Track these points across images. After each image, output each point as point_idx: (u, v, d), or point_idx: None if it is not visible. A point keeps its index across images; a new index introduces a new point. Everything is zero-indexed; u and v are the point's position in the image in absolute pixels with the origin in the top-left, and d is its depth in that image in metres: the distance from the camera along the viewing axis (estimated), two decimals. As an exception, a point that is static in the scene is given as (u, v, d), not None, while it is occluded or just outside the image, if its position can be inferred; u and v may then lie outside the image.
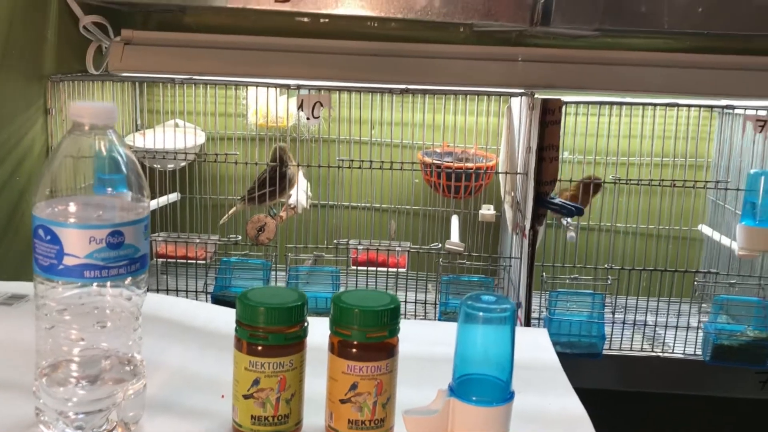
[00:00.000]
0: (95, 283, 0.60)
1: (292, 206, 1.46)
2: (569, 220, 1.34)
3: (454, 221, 1.48)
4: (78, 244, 0.59)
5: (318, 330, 0.66)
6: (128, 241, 0.61)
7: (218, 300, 1.36)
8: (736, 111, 1.33)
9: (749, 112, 1.29)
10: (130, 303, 0.64)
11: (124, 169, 0.62)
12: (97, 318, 0.62)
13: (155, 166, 1.53)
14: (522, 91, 1.37)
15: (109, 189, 0.62)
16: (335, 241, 1.42)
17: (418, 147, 1.62)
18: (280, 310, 0.62)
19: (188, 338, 0.84)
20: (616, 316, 1.41)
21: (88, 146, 0.61)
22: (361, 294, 0.65)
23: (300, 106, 1.31)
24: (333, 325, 0.63)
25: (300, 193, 1.48)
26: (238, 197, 1.49)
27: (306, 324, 0.64)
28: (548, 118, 1.27)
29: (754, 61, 1.41)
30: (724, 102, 1.37)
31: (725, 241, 1.41)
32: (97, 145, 0.61)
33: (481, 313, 0.64)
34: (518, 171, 1.35)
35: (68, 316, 0.62)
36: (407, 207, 1.66)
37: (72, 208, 0.61)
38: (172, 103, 1.64)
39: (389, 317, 0.62)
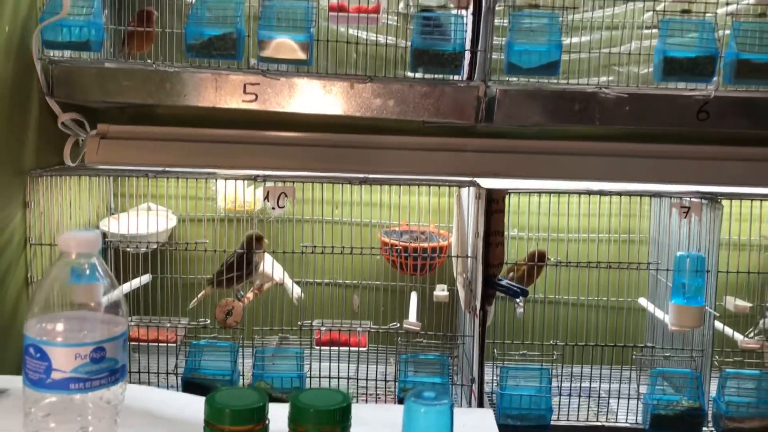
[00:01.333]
0: (79, 394, 0.69)
1: (275, 282, 1.55)
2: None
3: (413, 299, 1.58)
4: (65, 361, 0.67)
5: (281, 415, 0.74)
6: (109, 355, 0.69)
7: (188, 382, 1.43)
8: (663, 198, 1.46)
9: (674, 199, 1.43)
10: (110, 406, 0.73)
11: (105, 291, 0.71)
12: (80, 424, 0.70)
13: (128, 249, 1.61)
14: (470, 180, 1.50)
15: (92, 309, 0.71)
16: (299, 323, 1.50)
17: (380, 225, 1.73)
18: (243, 411, 0.70)
19: (162, 430, 0.91)
20: (563, 386, 1.50)
21: (74, 272, 0.70)
22: (317, 393, 0.74)
23: (266, 197, 1.41)
24: (291, 423, 0.72)
25: (276, 268, 1.57)
26: (208, 277, 1.57)
27: (267, 421, 0.72)
28: (493, 207, 1.38)
29: (678, 150, 1.55)
30: (653, 188, 1.50)
31: (660, 314, 1.52)
32: (82, 271, 0.70)
33: (422, 408, 0.75)
34: (468, 254, 1.46)
35: (53, 423, 0.70)
36: (370, 282, 1.76)
37: (59, 327, 0.69)
38: (145, 187, 1.73)
39: (341, 415, 0.71)
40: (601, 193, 1.43)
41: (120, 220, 1.66)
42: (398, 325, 1.48)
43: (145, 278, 1.67)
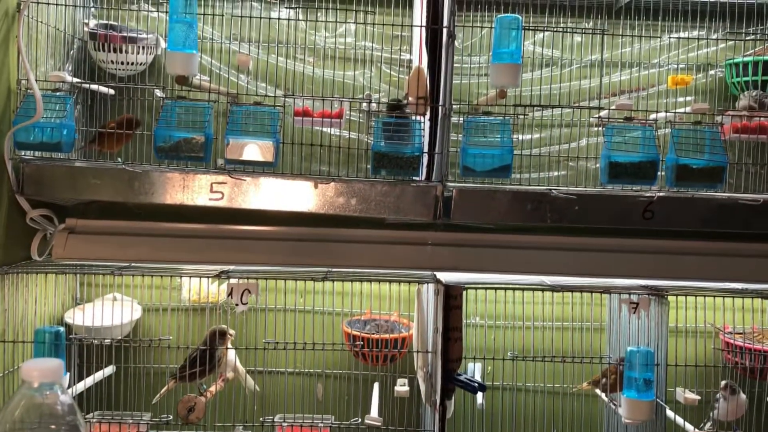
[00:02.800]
0: None
1: (229, 376, 1.57)
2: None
3: (375, 392, 1.61)
4: (23, 491, 0.70)
5: None
6: (67, 483, 0.72)
7: (149, 480, 1.43)
8: (612, 293, 1.53)
9: (623, 295, 1.49)
10: None
11: (65, 418, 0.74)
12: None
13: (93, 341, 1.62)
14: (430, 274, 1.55)
15: (53, 437, 0.74)
16: (261, 419, 1.52)
17: (344, 314, 1.76)
18: None
19: None
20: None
21: (35, 400, 0.73)
22: None
23: (229, 294, 1.45)
24: None
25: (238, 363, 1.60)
26: (172, 369, 1.59)
27: None
28: (452, 302, 1.43)
29: (627, 244, 1.63)
30: (604, 282, 1.57)
31: (616, 407, 1.57)
32: (42, 400, 0.73)
33: None
34: (429, 349, 1.50)
35: None
36: (334, 371, 1.78)
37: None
38: (111, 278, 1.75)
39: None
40: (553, 289, 1.49)
41: (85, 311, 1.68)
42: (360, 420, 1.50)
43: (108, 370, 1.67)
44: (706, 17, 1.72)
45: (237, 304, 1.45)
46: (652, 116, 1.53)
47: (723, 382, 1.57)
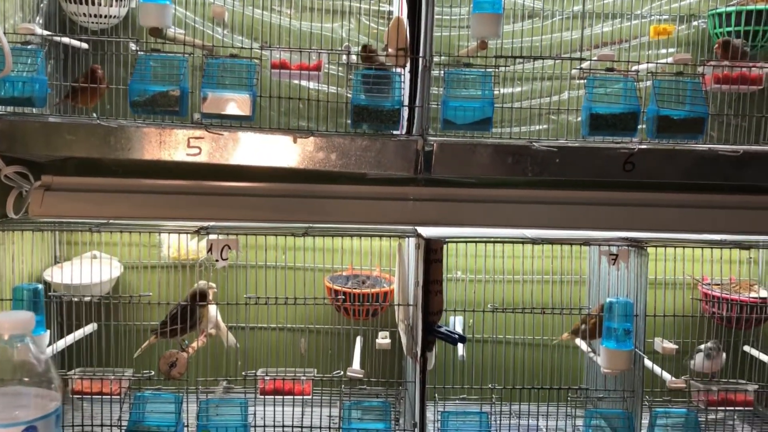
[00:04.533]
0: (12, 474, 0.71)
1: (211, 332, 1.58)
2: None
3: (357, 345, 1.62)
4: (-3, 442, 0.69)
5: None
6: (41, 433, 0.72)
7: (132, 434, 1.44)
8: (592, 245, 1.53)
9: (603, 247, 1.50)
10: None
11: (37, 370, 0.74)
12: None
13: (73, 299, 1.61)
14: (411, 229, 1.55)
15: (25, 389, 0.73)
16: (243, 373, 1.53)
17: (325, 270, 1.76)
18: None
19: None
20: (502, 425, 1.55)
21: (6, 352, 0.73)
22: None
23: (209, 250, 1.44)
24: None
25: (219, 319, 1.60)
26: (154, 325, 1.58)
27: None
28: (432, 256, 1.43)
29: (607, 197, 1.63)
30: (584, 235, 1.57)
31: (595, 357, 1.59)
32: (14, 352, 0.73)
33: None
34: (410, 303, 1.51)
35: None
36: (316, 326, 1.79)
37: (-8, 407, 0.71)
38: (90, 235, 1.73)
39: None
40: (534, 241, 1.50)
41: (64, 269, 1.67)
42: (342, 372, 1.51)
43: (89, 328, 1.67)
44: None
45: (217, 260, 1.44)
46: (634, 67, 1.52)
47: (711, 343, 1.59)
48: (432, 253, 1.44)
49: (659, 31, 1.58)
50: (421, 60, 1.51)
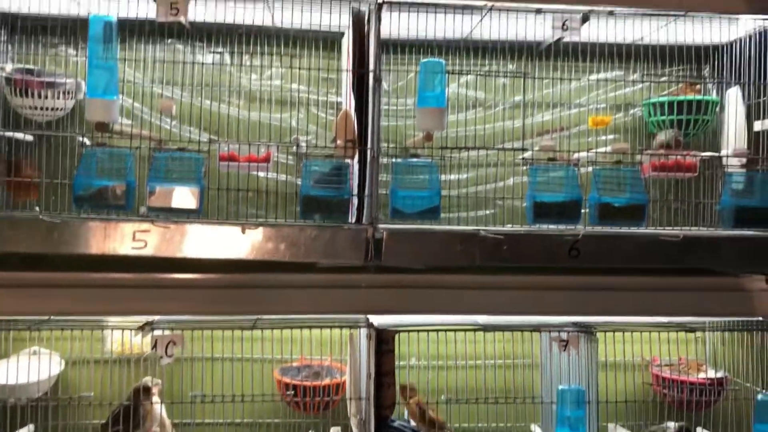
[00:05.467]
0: None
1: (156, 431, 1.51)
2: None
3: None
4: None
5: None
6: None
7: None
8: (542, 331, 1.54)
9: (553, 333, 1.51)
10: None
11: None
12: None
13: (10, 400, 1.53)
14: (363, 317, 1.54)
15: None
16: (188, 477, 1.46)
17: (275, 361, 1.72)
18: None
19: None
20: None
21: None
22: None
23: (154, 346, 1.40)
24: None
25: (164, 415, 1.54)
26: (97, 423, 1.52)
27: None
28: (384, 347, 1.42)
29: (554, 282, 1.65)
30: (535, 320, 1.58)
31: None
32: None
33: None
34: (362, 396, 1.48)
35: None
36: (265, 421, 1.73)
37: None
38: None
39: None
40: (485, 329, 1.50)
41: (1, 368, 1.59)
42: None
43: (25, 431, 1.59)
44: (623, 59, 1.78)
45: (161, 357, 1.40)
46: (575, 156, 1.57)
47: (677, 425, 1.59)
48: (384, 343, 1.43)
49: (597, 122, 1.65)
50: (369, 151, 1.53)
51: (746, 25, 1.63)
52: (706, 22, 1.60)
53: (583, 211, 1.53)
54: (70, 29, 1.66)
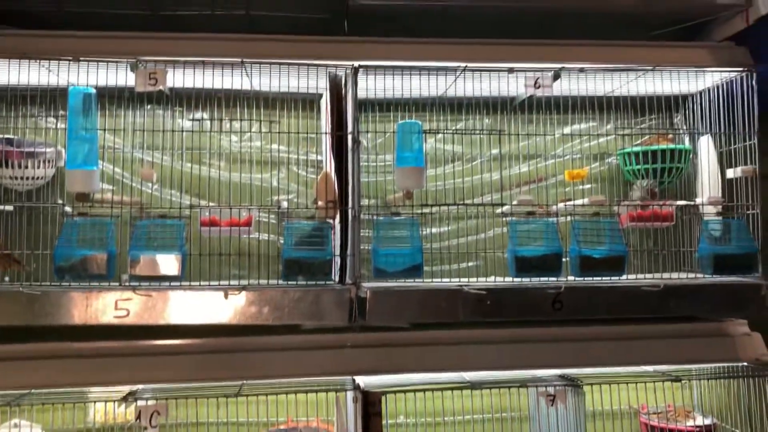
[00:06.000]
0: None
1: None
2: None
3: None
4: None
5: None
6: None
7: None
8: (529, 386, 1.54)
9: (540, 387, 1.50)
10: None
11: None
12: None
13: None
14: (349, 379, 1.53)
15: None
16: None
17: (263, 424, 1.70)
18: None
19: None
20: None
21: None
22: None
23: (137, 417, 1.38)
24: None
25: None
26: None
27: None
28: (371, 410, 1.41)
29: (540, 333, 1.66)
30: (522, 374, 1.58)
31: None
32: None
33: None
34: (350, 459, 1.46)
35: None
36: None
37: None
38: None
39: None
40: (473, 386, 1.49)
41: (-20, 443, 1.56)
42: None
43: None
44: (596, 110, 1.82)
45: (146, 428, 1.38)
46: (553, 208, 1.59)
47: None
48: (371, 405, 1.41)
49: (573, 175, 1.67)
50: (350, 211, 1.54)
51: (713, 76, 1.68)
52: (675, 74, 1.64)
53: (564, 259, 1.54)
54: (50, 98, 1.68)
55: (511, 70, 1.57)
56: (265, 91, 1.67)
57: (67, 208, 1.59)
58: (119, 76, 1.58)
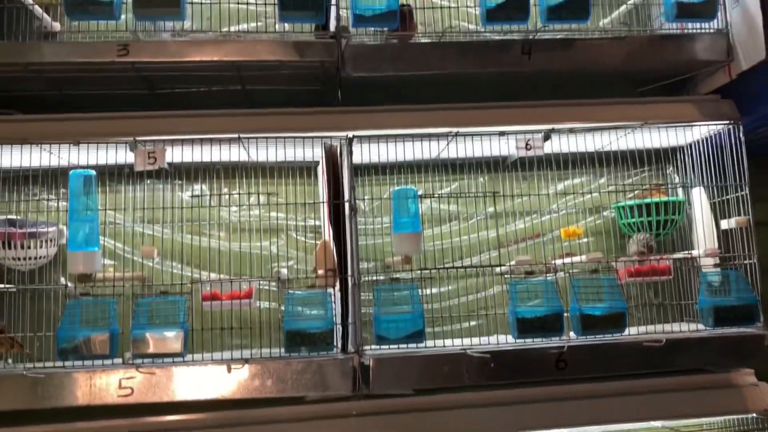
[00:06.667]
0: None
1: None
2: None
3: None
4: None
5: None
6: None
7: None
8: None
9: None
10: None
11: None
12: None
13: None
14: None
15: None
16: None
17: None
18: None
19: None
20: None
21: None
22: None
23: (144, 499, 1.37)
24: None
25: None
26: None
27: None
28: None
29: (546, 393, 1.65)
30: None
31: None
32: None
33: None
34: None
35: None
36: None
37: None
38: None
39: None
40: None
41: None
42: None
43: None
44: (589, 164, 1.84)
45: None
46: (551, 263, 1.60)
47: None
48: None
49: (569, 233, 1.69)
50: (350, 278, 1.55)
51: (701, 129, 1.71)
52: (663, 129, 1.67)
53: (565, 314, 1.55)
54: (51, 178, 1.71)
55: (502, 134, 1.60)
56: (263, 161, 1.70)
57: (70, 284, 1.60)
58: (119, 155, 1.61)
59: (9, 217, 1.68)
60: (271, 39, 1.58)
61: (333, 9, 1.58)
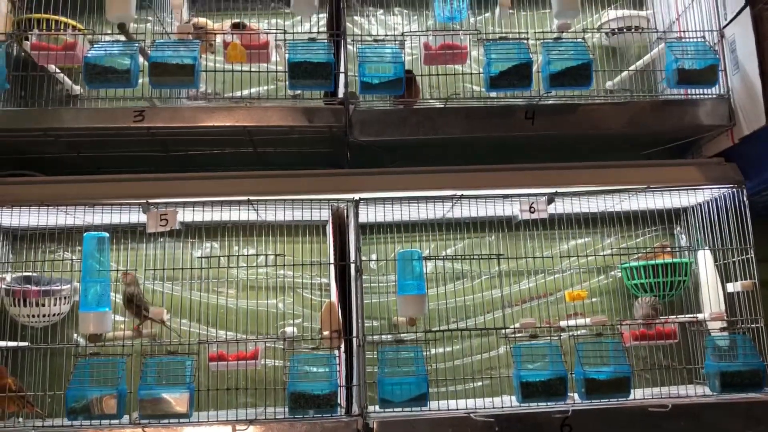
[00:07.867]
0: None
1: None
2: None
3: None
4: None
5: None
6: None
7: None
8: None
9: None
10: None
11: None
12: None
13: None
14: None
15: None
16: None
17: None
18: None
19: None
20: None
21: None
22: None
23: None
24: None
25: None
26: None
27: None
28: None
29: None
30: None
31: None
32: None
33: None
34: None
35: None
36: None
37: None
38: None
39: None
40: None
41: None
42: None
43: None
44: (594, 225, 1.86)
45: None
46: (556, 325, 1.61)
47: None
48: None
49: (573, 296, 1.70)
50: (355, 340, 1.57)
51: (704, 192, 1.72)
52: (667, 192, 1.68)
53: (570, 375, 1.54)
54: (67, 236, 1.76)
55: (506, 197, 1.63)
56: (272, 221, 1.74)
57: (81, 341, 1.63)
58: (132, 215, 1.66)
59: (25, 273, 1.73)
60: (282, 105, 1.63)
61: (342, 76, 1.63)
